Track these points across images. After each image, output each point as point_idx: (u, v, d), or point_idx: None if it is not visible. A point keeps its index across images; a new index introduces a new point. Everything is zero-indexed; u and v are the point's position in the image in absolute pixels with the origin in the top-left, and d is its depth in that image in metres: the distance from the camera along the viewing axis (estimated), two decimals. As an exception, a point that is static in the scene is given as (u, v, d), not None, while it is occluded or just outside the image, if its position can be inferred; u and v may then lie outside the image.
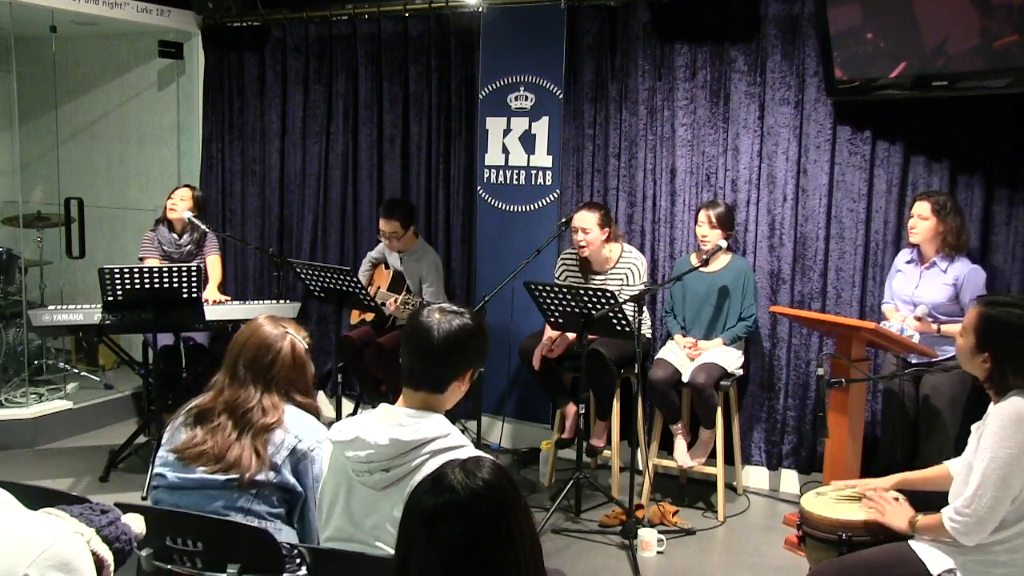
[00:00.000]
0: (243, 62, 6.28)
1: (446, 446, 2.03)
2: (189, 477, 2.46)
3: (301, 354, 2.60)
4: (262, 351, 2.54)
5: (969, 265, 4.02)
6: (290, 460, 2.48)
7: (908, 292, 4.15)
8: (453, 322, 2.10)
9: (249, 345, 2.56)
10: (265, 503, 2.46)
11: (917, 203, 4.10)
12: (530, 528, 1.48)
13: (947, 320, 4.01)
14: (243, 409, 2.48)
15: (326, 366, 6.10)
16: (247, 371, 2.53)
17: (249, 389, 2.51)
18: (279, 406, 2.51)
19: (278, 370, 2.54)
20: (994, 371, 2.53)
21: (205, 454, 2.45)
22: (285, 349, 2.56)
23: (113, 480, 4.86)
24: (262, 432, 2.46)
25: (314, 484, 2.47)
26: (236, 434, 2.46)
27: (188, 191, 5.42)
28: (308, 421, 2.56)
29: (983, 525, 2.46)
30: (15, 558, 1.56)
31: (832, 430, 3.73)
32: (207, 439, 2.47)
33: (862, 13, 4.22)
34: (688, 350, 4.57)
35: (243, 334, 2.60)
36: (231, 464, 2.43)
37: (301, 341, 2.61)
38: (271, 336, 2.56)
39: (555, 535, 4.25)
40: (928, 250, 4.10)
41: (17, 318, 5.73)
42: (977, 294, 3.91)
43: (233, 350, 2.58)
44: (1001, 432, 2.44)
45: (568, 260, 4.85)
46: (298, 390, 2.59)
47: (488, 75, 5.35)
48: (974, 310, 2.61)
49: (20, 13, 5.49)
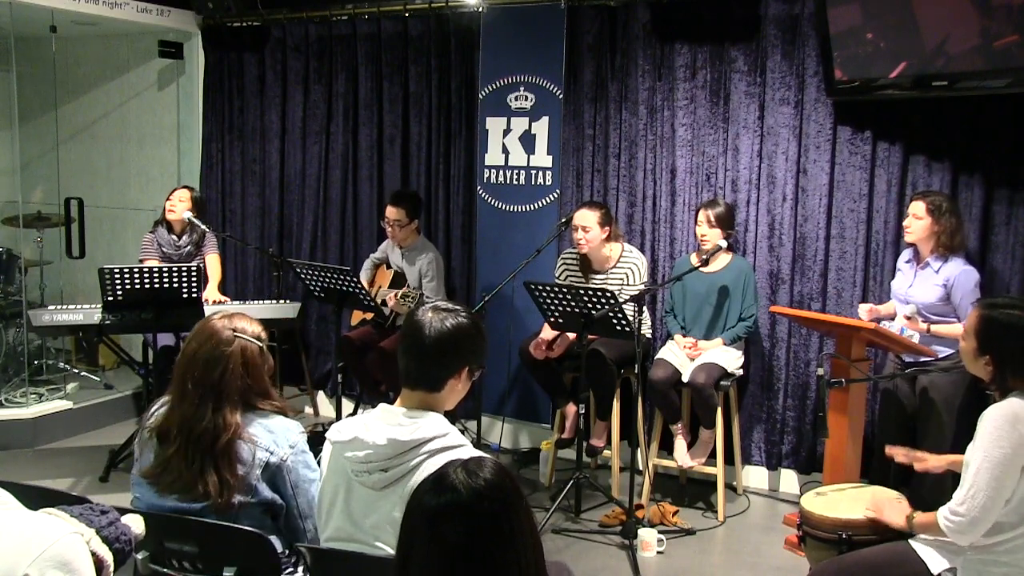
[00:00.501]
0: (243, 62, 6.28)
1: (444, 445, 2.03)
2: (164, 505, 2.36)
3: (254, 357, 2.42)
4: (210, 366, 2.37)
5: (962, 266, 4.00)
6: (264, 476, 2.37)
7: (903, 291, 4.17)
8: (446, 321, 2.09)
9: (197, 358, 2.38)
10: (248, 519, 2.36)
11: (913, 202, 4.10)
12: (531, 528, 1.48)
13: (938, 320, 4.00)
14: (197, 432, 2.32)
15: (326, 366, 6.11)
16: (195, 388, 2.36)
17: (200, 408, 2.34)
18: (233, 420, 2.35)
19: (229, 381, 2.37)
20: (996, 373, 2.53)
21: (175, 483, 2.34)
22: (235, 358, 2.38)
23: (113, 480, 4.86)
24: (224, 455, 2.32)
25: (293, 491, 2.41)
26: (198, 463, 2.31)
27: (187, 192, 5.43)
28: (277, 427, 2.42)
29: (976, 525, 2.46)
30: (15, 558, 1.56)
31: (832, 430, 3.74)
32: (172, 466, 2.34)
33: (862, 13, 4.22)
34: (688, 350, 4.57)
35: (190, 346, 2.42)
36: (200, 496, 2.32)
37: (253, 341, 2.43)
38: (219, 346, 2.38)
39: (555, 535, 4.25)
40: (923, 250, 4.10)
41: (17, 318, 5.73)
42: (967, 295, 3.91)
43: (180, 365, 2.41)
44: (995, 432, 2.44)
45: (568, 259, 4.85)
46: (257, 394, 2.43)
47: (488, 75, 5.35)
48: (974, 312, 2.61)
49: (20, 13, 5.50)
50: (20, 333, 5.78)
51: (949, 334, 3.93)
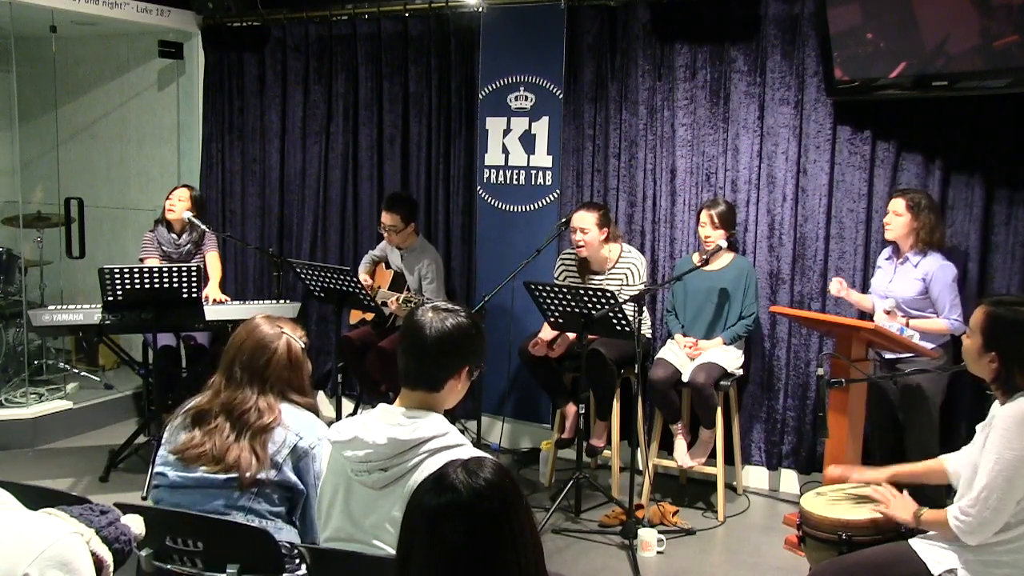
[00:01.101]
0: (243, 62, 6.28)
1: (444, 445, 2.03)
2: (190, 476, 2.48)
3: (297, 354, 2.60)
4: (258, 352, 2.54)
5: (940, 261, 4.08)
6: (291, 457, 2.49)
7: (883, 287, 4.23)
8: (446, 320, 2.09)
9: (245, 346, 2.56)
10: (266, 502, 2.47)
11: (893, 200, 4.19)
12: (532, 528, 1.48)
13: (918, 315, 4.08)
14: (240, 410, 2.49)
15: (326, 366, 6.11)
16: (243, 372, 2.53)
17: (246, 390, 2.51)
18: (275, 406, 2.52)
19: (274, 370, 2.54)
20: (1001, 370, 2.52)
21: (204, 455, 2.46)
22: (281, 349, 2.56)
23: (113, 480, 4.86)
24: (260, 433, 2.47)
25: (315, 482, 2.47)
26: (234, 436, 2.47)
27: (186, 191, 5.42)
28: (308, 419, 2.57)
29: (986, 526, 2.46)
30: (15, 558, 1.56)
31: (832, 430, 3.73)
32: (206, 441, 2.47)
33: (862, 13, 4.22)
34: (688, 350, 4.57)
35: (239, 335, 2.60)
36: (231, 465, 2.44)
37: (297, 341, 2.61)
38: (267, 337, 2.56)
39: (555, 535, 4.25)
40: (903, 246, 4.17)
41: (17, 318, 5.74)
42: (945, 289, 4.01)
43: (229, 351, 2.58)
44: (1007, 434, 2.44)
45: (567, 260, 4.85)
46: (295, 390, 2.59)
47: (488, 75, 5.35)
48: (980, 310, 2.59)
49: (20, 13, 5.49)
50: (20, 333, 5.78)
51: (927, 328, 4.04)
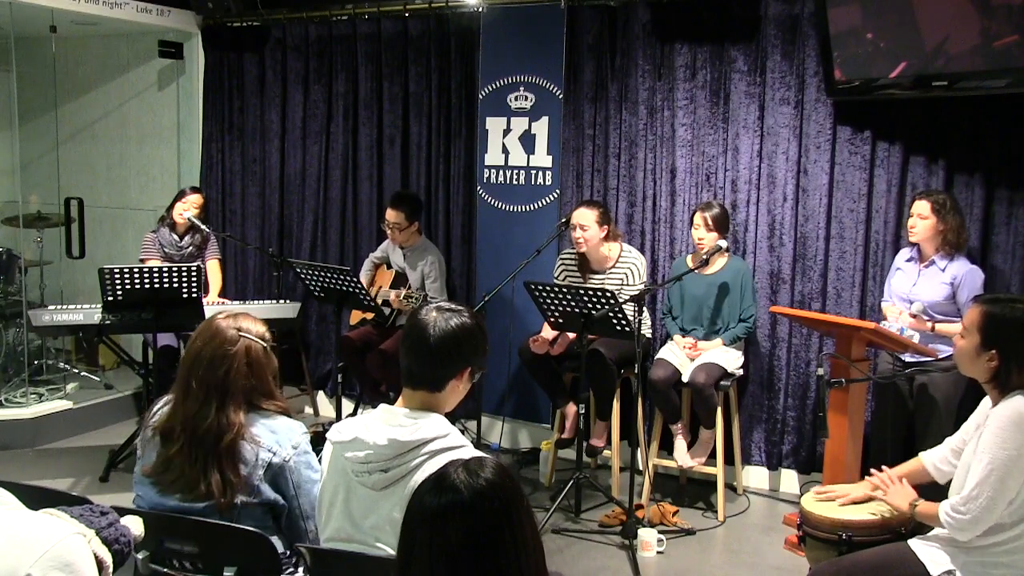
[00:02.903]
0: (243, 62, 6.28)
1: (445, 446, 2.02)
2: (167, 504, 2.36)
3: (258, 357, 2.42)
4: (215, 364, 2.36)
5: (968, 265, 4.02)
6: (267, 476, 2.37)
7: (906, 290, 4.16)
8: (450, 321, 2.08)
9: (202, 357, 2.38)
10: (250, 519, 2.36)
11: (916, 202, 4.11)
12: (532, 528, 1.49)
13: (943, 319, 4.01)
14: (201, 430, 2.32)
15: (326, 366, 6.11)
16: (199, 387, 2.36)
17: (204, 407, 2.34)
18: (237, 420, 2.35)
19: (234, 380, 2.37)
20: (1000, 369, 2.52)
21: (177, 482, 2.34)
22: (239, 357, 2.38)
23: (113, 480, 4.86)
24: (227, 453, 2.32)
25: (296, 490, 2.41)
26: (200, 462, 2.31)
27: (200, 197, 5.46)
28: (280, 427, 2.42)
29: (977, 524, 2.47)
30: (17, 559, 1.56)
31: (832, 430, 3.73)
32: (175, 465, 2.34)
33: (862, 13, 4.22)
34: (688, 351, 4.57)
35: (195, 344, 2.42)
36: (202, 495, 2.32)
37: (257, 341, 2.43)
38: (224, 344, 2.38)
39: (555, 535, 4.25)
40: (928, 249, 4.11)
41: (17, 318, 5.74)
42: (974, 294, 3.91)
43: (185, 362, 2.40)
44: (1001, 433, 2.44)
45: (567, 260, 4.85)
46: (261, 394, 2.43)
47: (488, 75, 5.35)
48: (975, 309, 2.60)
49: (20, 13, 5.49)
50: (20, 333, 5.78)
51: (954, 333, 3.91)
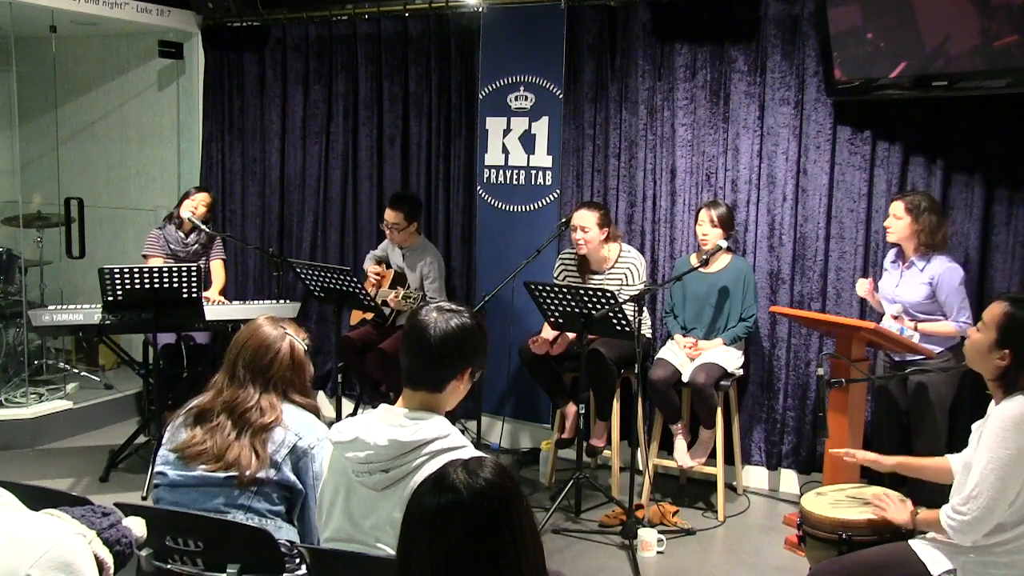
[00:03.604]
0: (243, 62, 6.28)
1: (446, 447, 2.02)
2: (190, 475, 2.49)
3: (300, 355, 2.62)
4: (261, 352, 2.56)
5: (946, 264, 4.05)
6: (291, 457, 2.50)
7: (890, 291, 4.21)
8: (451, 321, 2.08)
9: (248, 346, 2.58)
10: (266, 500, 2.48)
11: (892, 203, 4.16)
12: (532, 528, 1.49)
13: (926, 318, 4.06)
14: (242, 409, 2.50)
15: (326, 366, 6.11)
16: (246, 371, 2.55)
17: (248, 389, 2.53)
18: (277, 406, 2.53)
19: (276, 370, 2.56)
20: (1009, 368, 2.52)
21: (205, 452, 2.48)
22: (284, 350, 2.58)
23: (113, 480, 4.86)
24: (261, 431, 2.49)
25: (314, 482, 2.48)
26: (235, 434, 2.48)
27: (208, 196, 5.48)
28: (308, 419, 2.58)
29: (978, 525, 2.46)
30: (16, 559, 1.56)
31: (832, 430, 3.73)
32: (206, 439, 2.49)
33: (862, 13, 4.22)
34: (688, 350, 4.57)
35: (243, 335, 2.62)
36: (231, 463, 2.46)
37: (300, 342, 2.63)
38: (270, 337, 2.58)
39: (555, 535, 4.25)
40: (907, 249, 4.15)
41: (17, 318, 5.74)
42: (953, 292, 3.98)
43: (232, 351, 2.60)
44: (1002, 433, 2.44)
45: (567, 260, 4.85)
46: (296, 390, 2.61)
47: (488, 75, 5.35)
48: (999, 306, 2.58)
49: (20, 13, 5.49)
50: (20, 333, 5.78)
51: (937, 332, 4.03)
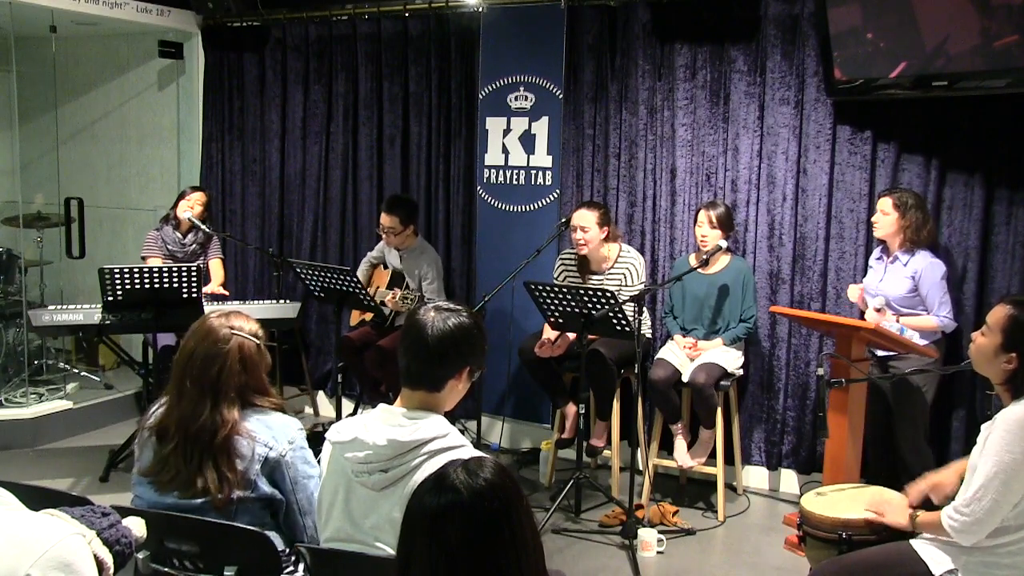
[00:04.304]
0: (243, 62, 6.28)
1: (445, 446, 2.02)
2: (164, 502, 2.38)
3: (251, 354, 2.44)
4: (208, 362, 2.39)
5: (929, 258, 4.13)
6: (264, 471, 2.39)
7: (874, 286, 4.26)
8: (448, 320, 2.08)
9: (195, 357, 2.40)
10: (248, 515, 2.38)
11: (880, 199, 4.23)
12: (532, 528, 1.49)
13: (908, 312, 4.12)
14: (195, 428, 2.35)
15: (326, 366, 6.11)
16: (193, 386, 2.38)
17: (197, 405, 2.37)
18: (231, 417, 2.37)
19: (227, 378, 2.39)
20: (1017, 372, 2.51)
21: (174, 480, 2.36)
22: (232, 355, 2.40)
23: (113, 480, 4.86)
24: (223, 450, 2.34)
25: (293, 486, 2.43)
26: (196, 460, 2.34)
27: (203, 195, 5.49)
28: (276, 423, 2.44)
29: (980, 526, 2.46)
30: (16, 559, 1.56)
31: (832, 430, 3.74)
32: (171, 464, 2.37)
33: (862, 13, 4.22)
34: (688, 350, 4.57)
35: (188, 345, 2.44)
36: (199, 491, 2.34)
37: (250, 338, 2.46)
38: (217, 343, 2.40)
39: (555, 535, 4.25)
40: (892, 244, 4.22)
41: (17, 318, 5.73)
42: (934, 287, 4.06)
43: (179, 363, 2.43)
44: (1008, 436, 2.44)
45: (567, 260, 4.85)
46: (254, 391, 2.46)
47: (488, 75, 5.35)
48: (1002, 309, 2.57)
49: (20, 13, 5.49)
50: (20, 333, 5.78)
51: (918, 326, 4.08)
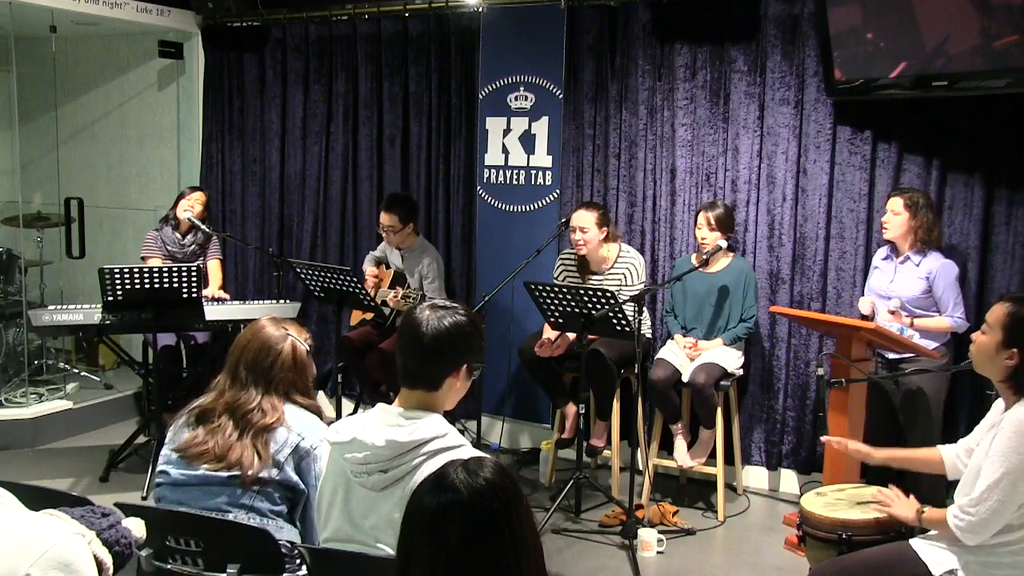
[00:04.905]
0: (243, 62, 6.28)
1: (444, 446, 2.02)
2: (193, 474, 2.50)
3: (302, 356, 2.63)
4: (263, 353, 2.57)
5: (941, 259, 4.11)
6: (293, 457, 2.51)
7: (884, 287, 4.23)
8: (444, 319, 2.08)
9: (250, 347, 2.59)
10: (267, 500, 2.49)
11: (890, 199, 4.20)
12: (532, 528, 1.48)
13: (921, 314, 4.10)
14: (244, 410, 2.52)
15: (326, 366, 6.11)
16: (248, 373, 2.56)
17: (250, 391, 2.54)
18: (279, 407, 2.55)
19: (278, 371, 2.57)
20: (1018, 368, 2.51)
21: (207, 452, 2.49)
22: (286, 351, 2.59)
23: (113, 480, 4.86)
24: (262, 432, 2.50)
25: (316, 483, 2.48)
26: (237, 434, 2.50)
27: (203, 195, 5.49)
28: (310, 420, 2.59)
29: (986, 527, 2.47)
30: (16, 559, 1.56)
31: (832, 430, 3.73)
32: (208, 439, 2.50)
33: (862, 13, 4.22)
34: (688, 350, 4.57)
35: (245, 336, 2.64)
36: (233, 463, 2.47)
37: (302, 343, 2.65)
38: (272, 338, 2.60)
39: (555, 535, 4.25)
40: (902, 245, 4.19)
41: (17, 318, 5.73)
42: (949, 287, 4.05)
43: (235, 352, 2.61)
44: (1015, 438, 2.44)
45: (566, 260, 4.85)
46: (299, 391, 2.62)
47: (488, 75, 5.35)
48: (1002, 307, 2.57)
49: (20, 13, 5.49)
50: (20, 333, 5.78)
51: (931, 327, 4.07)
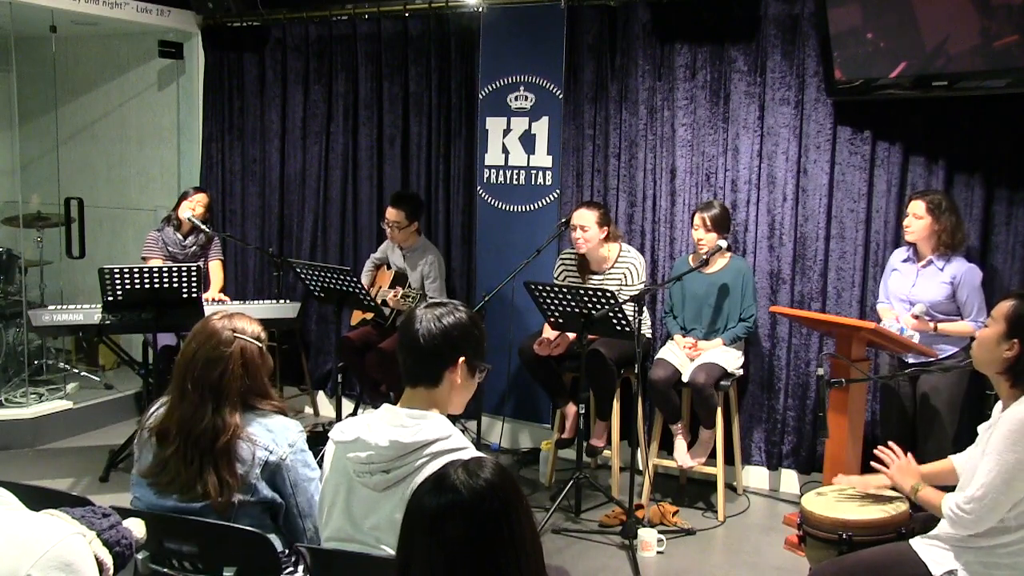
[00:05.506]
0: (243, 62, 6.28)
1: (447, 448, 2.03)
2: (165, 504, 2.37)
3: (253, 358, 2.43)
4: (210, 366, 2.37)
5: (966, 264, 4.04)
6: (264, 475, 2.38)
7: (905, 291, 4.16)
8: (441, 316, 2.12)
9: (197, 359, 2.39)
10: (247, 517, 2.37)
11: (912, 202, 4.12)
12: (532, 528, 1.49)
13: (944, 319, 4.03)
14: (197, 431, 2.33)
15: (326, 366, 6.11)
16: (195, 389, 2.36)
17: (199, 408, 2.35)
18: (232, 421, 2.35)
19: (229, 382, 2.38)
20: (1018, 359, 2.52)
21: (174, 483, 2.35)
22: (235, 358, 2.39)
23: (113, 480, 4.86)
24: (223, 455, 2.33)
25: (295, 488, 2.42)
26: (196, 463, 2.32)
27: (206, 196, 5.50)
28: (276, 425, 2.43)
29: (979, 523, 2.48)
30: (17, 559, 1.56)
31: (832, 430, 3.74)
32: (171, 466, 2.35)
33: (862, 13, 4.22)
34: (688, 350, 4.57)
35: (189, 347, 2.43)
36: (201, 495, 2.33)
37: (252, 341, 2.44)
38: (219, 346, 2.39)
39: (555, 535, 4.25)
40: (924, 249, 4.11)
41: (17, 318, 5.73)
42: (973, 292, 3.97)
43: (180, 365, 2.41)
44: (1011, 436, 2.44)
45: (567, 260, 4.85)
46: (256, 394, 2.44)
47: (488, 75, 5.35)
48: (1007, 302, 2.59)
49: (20, 13, 5.49)
50: (20, 333, 5.78)
51: (956, 331, 3.99)
